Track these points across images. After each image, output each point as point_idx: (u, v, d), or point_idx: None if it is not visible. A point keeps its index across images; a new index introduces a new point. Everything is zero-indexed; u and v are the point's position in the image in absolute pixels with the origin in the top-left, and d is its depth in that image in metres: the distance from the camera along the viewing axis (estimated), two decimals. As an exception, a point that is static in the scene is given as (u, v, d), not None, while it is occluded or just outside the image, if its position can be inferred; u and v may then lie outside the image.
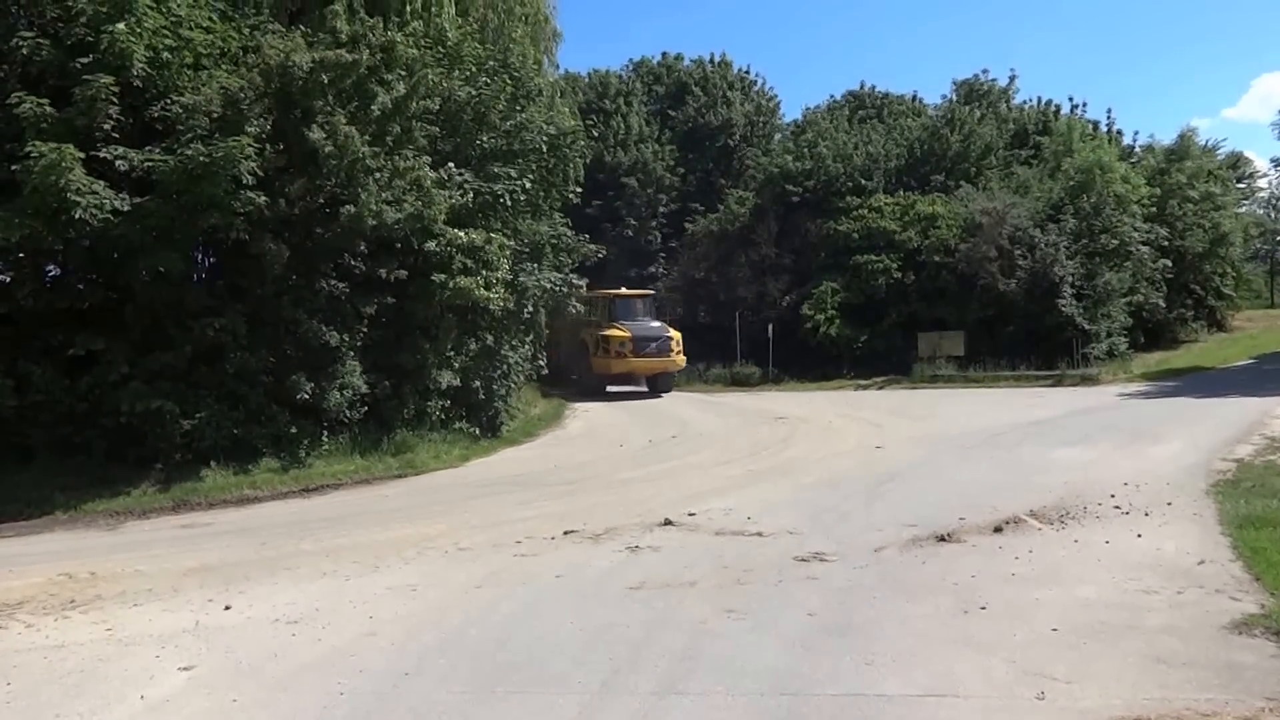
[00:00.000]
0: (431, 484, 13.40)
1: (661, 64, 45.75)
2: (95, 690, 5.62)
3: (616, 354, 26.81)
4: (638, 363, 27.01)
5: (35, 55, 12.57)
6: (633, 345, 26.81)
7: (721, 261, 34.83)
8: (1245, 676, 5.14)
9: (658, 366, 27.49)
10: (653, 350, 26.94)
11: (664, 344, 27.16)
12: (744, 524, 9.48)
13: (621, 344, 26.87)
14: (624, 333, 26.93)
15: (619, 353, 26.79)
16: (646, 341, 26.95)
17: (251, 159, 12.46)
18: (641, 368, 27.37)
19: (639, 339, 26.91)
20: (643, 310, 28.90)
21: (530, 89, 17.89)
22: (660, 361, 27.25)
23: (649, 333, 27.31)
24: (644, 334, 27.13)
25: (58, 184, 11.38)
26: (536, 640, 6.22)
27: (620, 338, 26.88)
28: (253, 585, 7.81)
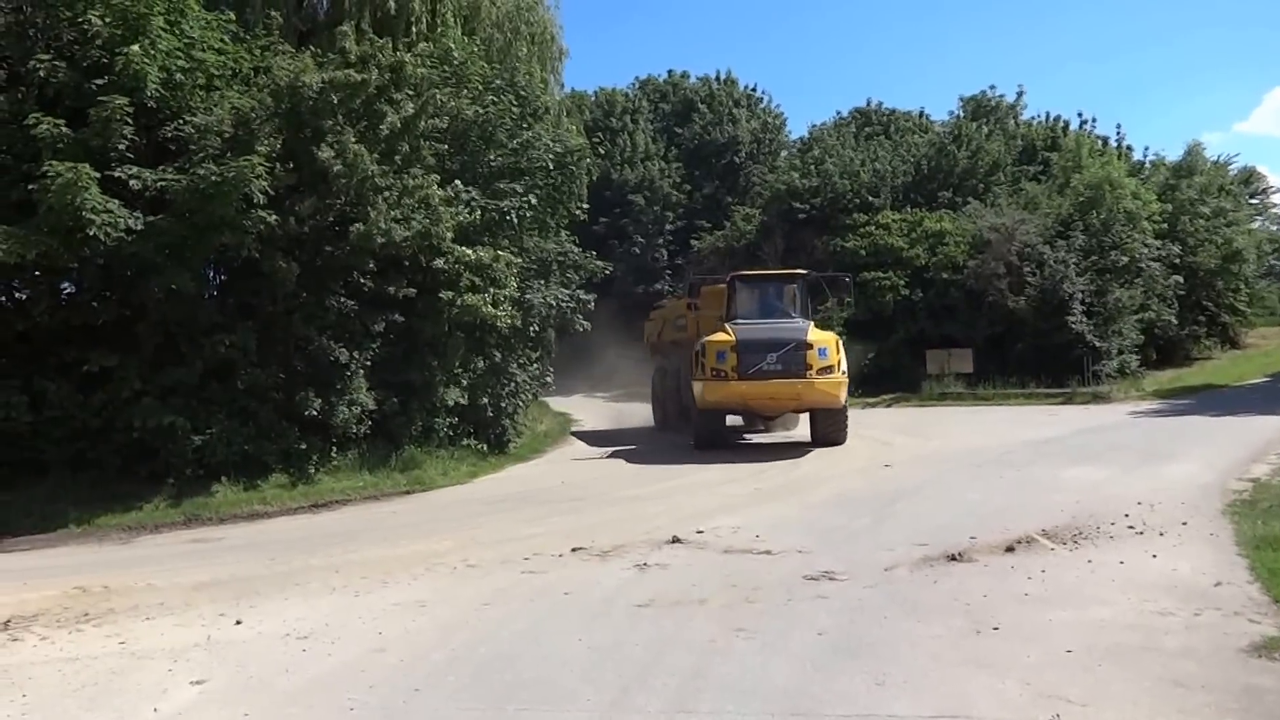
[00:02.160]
0: (439, 500, 13.47)
1: (668, 81, 46.06)
2: (109, 703, 5.68)
3: (714, 374, 16.78)
4: (745, 388, 16.64)
5: (52, 77, 12.76)
6: (737, 359, 16.66)
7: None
8: (1266, 701, 5.10)
9: (782, 396, 16.86)
10: (770, 367, 16.48)
11: (791, 354, 16.49)
12: (752, 542, 9.50)
13: (721, 355, 16.75)
14: (727, 337, 17.01)
15: (716, 372, 16.75)
16: (759, 351, 16.54)
17: (262, 178, 12.61)
18: (754, 397, 16.99)
19: (747, 346, 16.64)
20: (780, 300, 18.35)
21: (537, 107, 18.05)
22: (784, 387, 16.55)
23: (767, 336, 16.90)
24: (757, 338, 16.82)
25: (73, 203, 11.53)
26: (545, 658, 6.25)
27: (721, 345, 16.87)
28: (263, 600, 7.88)
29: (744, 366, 16.53)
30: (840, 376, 16.87)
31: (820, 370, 16.53)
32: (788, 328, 17.26)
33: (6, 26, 13.35)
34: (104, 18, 13.01)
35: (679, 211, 40.36)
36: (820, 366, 16.55)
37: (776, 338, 16.88)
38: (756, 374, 16.50)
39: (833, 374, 16.65)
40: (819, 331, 17.43)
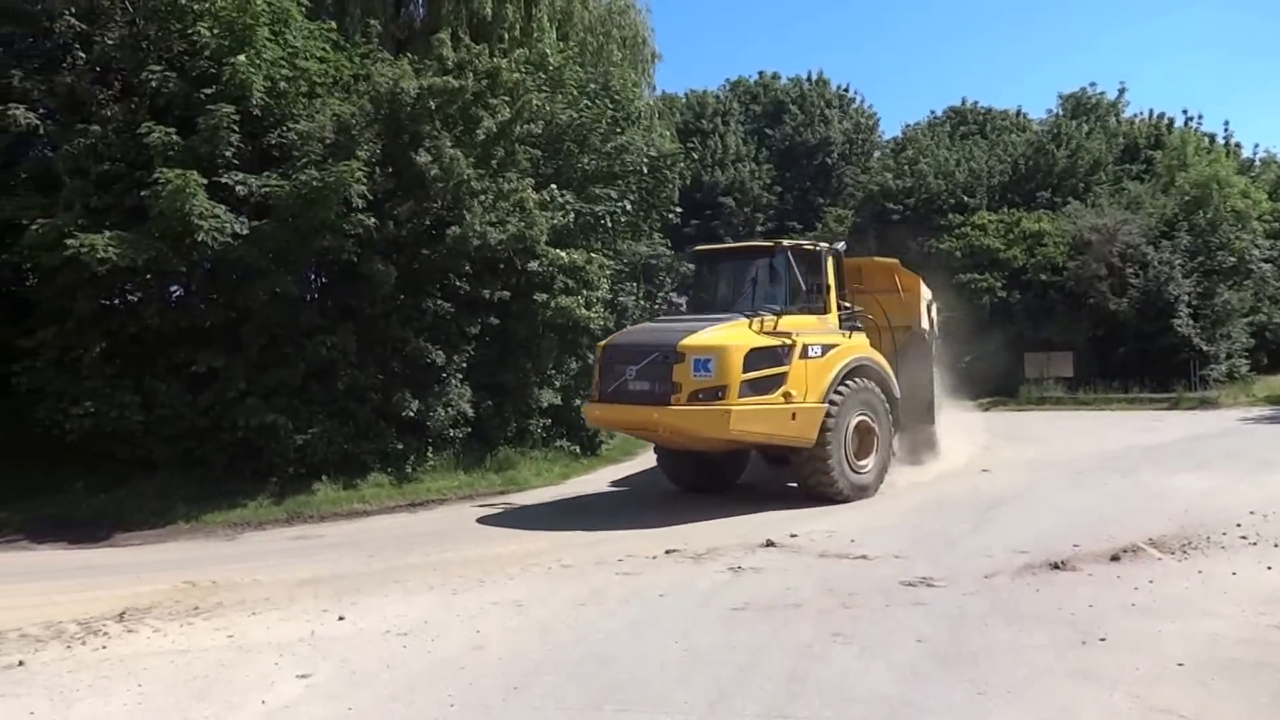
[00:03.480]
0: (533, 500, 13.55)
1: (759, 83, 45.75)
2: (219, 695, 5.84)
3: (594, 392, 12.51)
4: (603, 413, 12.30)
5: (163, 87, 13.23)
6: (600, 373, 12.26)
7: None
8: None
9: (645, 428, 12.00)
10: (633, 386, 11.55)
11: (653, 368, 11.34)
12: (847, 546, 9.35)
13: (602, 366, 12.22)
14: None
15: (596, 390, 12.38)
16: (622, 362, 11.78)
17: (362, 182, 12.87)
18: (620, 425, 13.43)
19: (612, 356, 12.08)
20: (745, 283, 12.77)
21: (630, 111, 18.09)
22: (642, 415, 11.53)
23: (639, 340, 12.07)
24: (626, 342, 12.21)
25: (183, 209, 11.92)
26: (641, 659, 6.23)
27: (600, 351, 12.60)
28: (364, 597, 8.02)
29: (605, 384, 11.93)
30: (735, 404, 11.01)
31: (696, 394, 11.05)
32: (679, 329, 11.71)
33: (120, 39, 13.88)
34: (212, 29, 13.45)
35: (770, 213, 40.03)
36: (696, 388, 11.04)
37: (645, 342, 11.79)
38: (616, 395, 11.72)
39: (719, 399, 11.01)
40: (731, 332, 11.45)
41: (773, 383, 11.45)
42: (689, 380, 11.15)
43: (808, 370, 11.76)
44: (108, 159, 12.97)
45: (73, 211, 12.43)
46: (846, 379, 12.23)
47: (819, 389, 11.86)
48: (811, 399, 11.77)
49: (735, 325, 11.68)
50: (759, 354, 11.43)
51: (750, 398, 11.24)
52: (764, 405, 11.36)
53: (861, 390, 12.44)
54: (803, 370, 11.70)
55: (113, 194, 12.84)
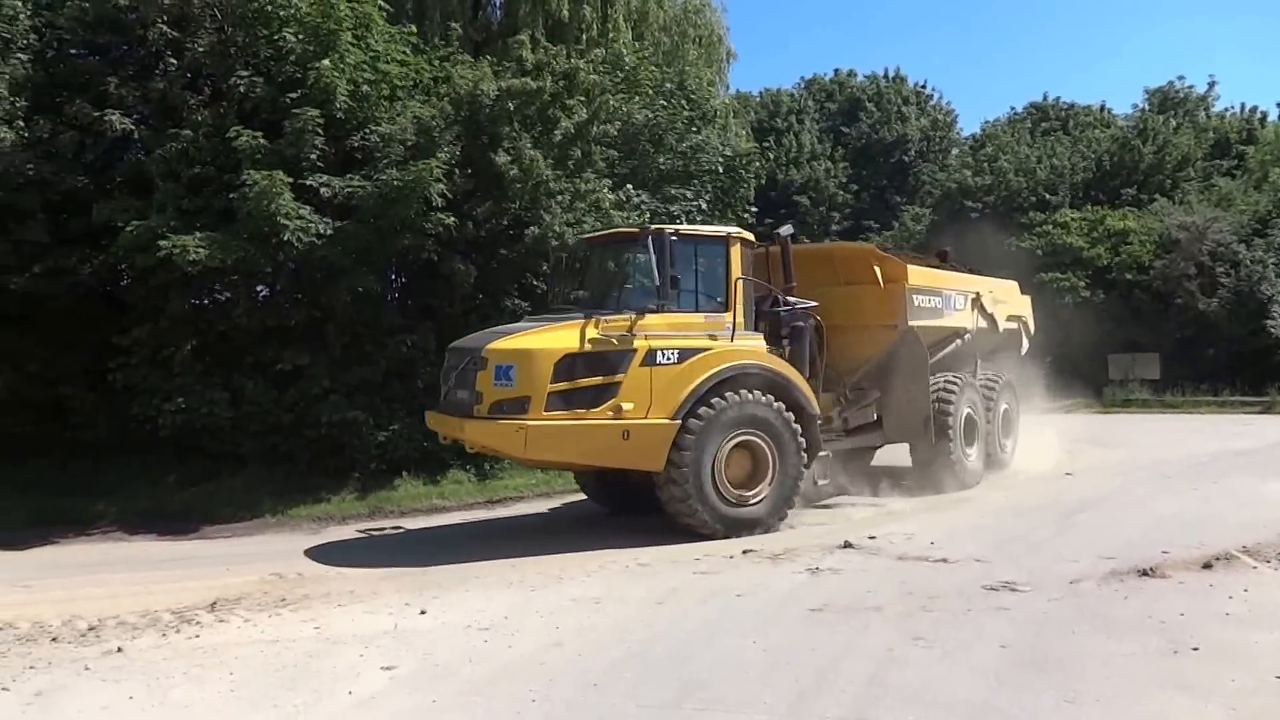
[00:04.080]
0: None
1: (834, 80, 45.43)
2: (307, 684, 5.98)
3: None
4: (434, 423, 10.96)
5: (251, 92, 13.60)
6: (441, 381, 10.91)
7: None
8: None
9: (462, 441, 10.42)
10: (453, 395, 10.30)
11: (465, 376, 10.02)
12: (927, 550, 9.21)
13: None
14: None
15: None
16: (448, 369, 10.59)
17: (441, 181, 13.07)
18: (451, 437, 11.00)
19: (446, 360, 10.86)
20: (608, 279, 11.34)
21: (706, 110, 18.05)
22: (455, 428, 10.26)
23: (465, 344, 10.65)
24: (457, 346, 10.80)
25: (270, 210, 12.24)
26: (720, 659, 6.23)
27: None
28: (445, 592, 8.14)
29: (441, 390, 10.76)
30: (534, 419, 9.45)
31: (498, 405, 9.60)
32: (502, 330, 10.57)
33: (210, 46, 14.29)
34: (298, 35, 13.79)
35: (845, 212, 39.75)
36: (497, 399, 9.61)
37: (466, 346, 10.50)
38: (444, 403, 10.60)
39: (520, 413, 9.49)
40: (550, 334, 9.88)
41: (598, 395, 9.66)
42: (490, 390, 9.63)
43: (653, 380, 9.79)
44: (198, 162, 13.37)
45: (165, 214, 12.83)
46: (717, 391, 10.02)
47: (669, 403, 9.82)
48: (657, 415, 9.79)
49: (564, 326, 9.94)
50: (579, 360, 9.62)
51: (560, 412, 9.52)
52: (580, 422, 9.56)
53: (744, 405, 10.13)
54: (645, 380, 9.75)
55: (203, 196, 13.23)
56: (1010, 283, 16.02)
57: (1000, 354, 15.91)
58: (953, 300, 13.66)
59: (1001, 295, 15.19)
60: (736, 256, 10.68)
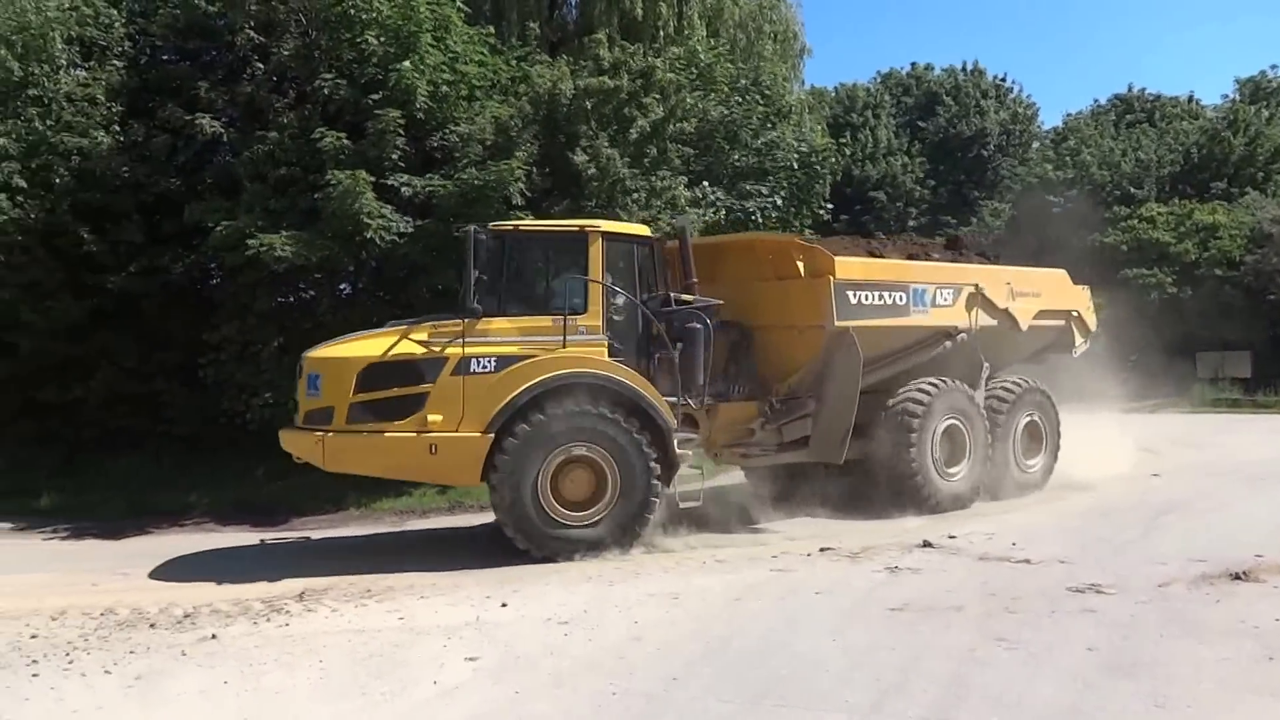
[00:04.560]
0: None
1: (911, 74, 44.82)
2: (393, 674, 6.11)
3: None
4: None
5: (334, 94, 13.92)
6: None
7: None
8: None
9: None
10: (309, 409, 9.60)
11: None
12: (1009, 550, 9.06)
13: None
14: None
15: None
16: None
17: (521, 182, 13.21)
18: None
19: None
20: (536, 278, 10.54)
21: (781, 106, 17.93)
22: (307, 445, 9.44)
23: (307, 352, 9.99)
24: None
25: (353, 209, 12.51)
26: (799, 656, 6.21)
27: None
28: (524, 585, 8.25)
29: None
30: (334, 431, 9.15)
31: (310, 415, 9.47)
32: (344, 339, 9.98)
33: (295, 50, 14.69)
34: (379, 38, 14.07)
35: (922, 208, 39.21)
36: (309, 409, 9.47)
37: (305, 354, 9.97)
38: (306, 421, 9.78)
39: (326, 423, 9.21)
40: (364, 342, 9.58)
41: (406, 406, 9.14)
42: (304, 400, 9.50)
43: (465, 390, 9.15)
44: (284, 164, 13.72)
45: (253, 214, 13.20)
46: (541, 403, 9.20)
47: (482, 415, 9.10)
48: (468, 428, 9.13)
49: (384, 333, 9.58)
50: (386, 369, 9.18)
51: (365, 424, 9.13)
52: (383, 435, 9.14)
53: (573, 418, 9.27)
54: (457, 390, 9.13)
55: (288, 196, 13.57)
56: (1053, 272, 13.82)
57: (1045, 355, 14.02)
58: (926, 295, 11.64)
59: (1029, 287, 12.89)
60: (597, 254, 9.73)
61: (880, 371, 11.38)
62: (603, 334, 9.65)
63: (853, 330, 10.79)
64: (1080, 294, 13.95)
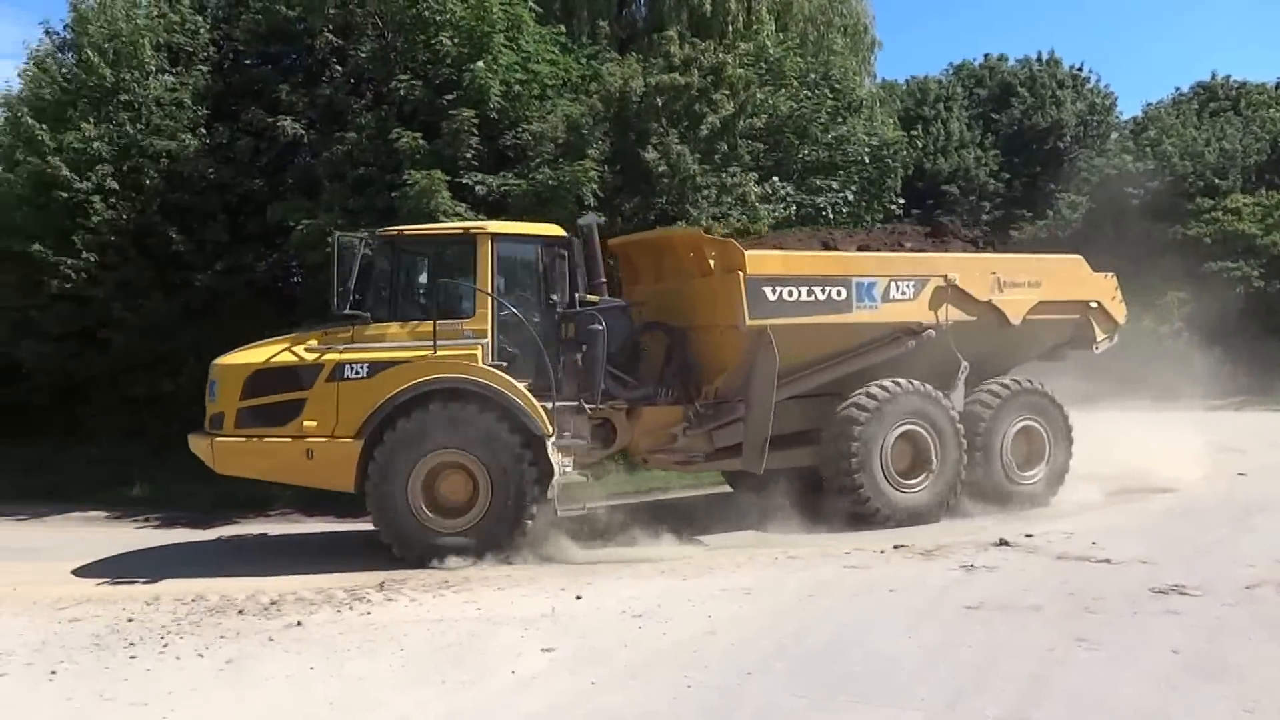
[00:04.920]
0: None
1: (984, 66, 43.92)
2: (471, 662, 6.28)
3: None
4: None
5: (410, 95, 14.19)
6: None
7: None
8: None
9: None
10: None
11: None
12: (1088, 549, 8.92)
13: None
14: None
15: None
16: None
17: (594, 183, 13.33)
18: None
19: None
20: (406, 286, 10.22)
21: (851, 100, 17.79)
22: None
23: None
24: None
25: (429, 208, 12.74)
26: (873, 653, 6.22)
27: None
28: (598, 578, 8.38)
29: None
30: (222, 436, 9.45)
31: (211, 419, 9.62)
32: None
33: (372, 52, 15.02)
34: (453, 39, 14.31)
35: (996, 201, 38.38)
36: (210, 414, 9.63)
37: None
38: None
39: (219, 428, 9.47)
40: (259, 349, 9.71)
41: (286, 412, 9.29)
42: (208, 405, 9.68)
43: (340, 396, 9.22)
44: (362, 164, 14.03)
45: (332, 213, 13.50)
46: (410, 408, 9.14)
47: (354, 421, 9.16)
48: (342, 433, 9.19)
49: (278, 341, 9.75)
50: (269, 376, 9.36)
51: (252, 429, 9.33)
52: (266, 440, 9.29)
53: (439, 424, 9.19)
54: (332, 396, 9.21)
55: (366, 196, 13.86)
56: (1062, 259, 12.52)
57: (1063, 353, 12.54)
58: (875, 289, 10.72)
59: (1026, 276, 11.55)
60: (486, 257, 9.52)
61: (826, 373, 10.60)
62: (490, 338, 9.42)
63: (771, 329, 10.10)
64: (1101, 283, 12.36)
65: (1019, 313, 11.34)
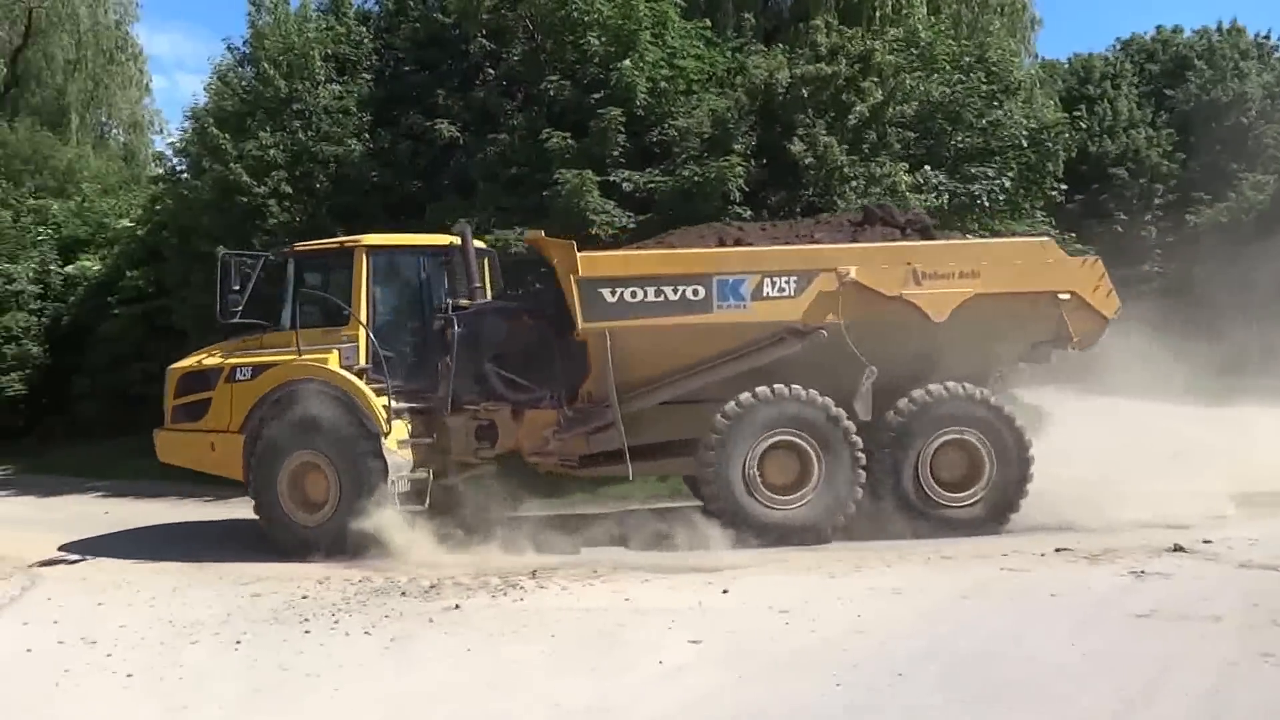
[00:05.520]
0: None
1: (1155, 39, 41.48)
2: (619, 652, 6.39)
3: None
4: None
5: (559, 96, 14.52)
6: None
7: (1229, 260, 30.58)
8: None
9: None
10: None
11: None
12: (1276, 558, 8.30)
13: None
14: None
15: None
16: None
17: (741, 178, 13.29)
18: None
19: None
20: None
21: (1009, 82, 17.11)
22: None
23: None
24: None
25: (579, 206, 13.01)
26: (1031, 659, 6.01)
27: None
28: (745, 573, 8.36)
29: None
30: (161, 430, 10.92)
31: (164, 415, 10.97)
32: None
33: (523, 55, 15.43)
34: (600, 38, 14.55)
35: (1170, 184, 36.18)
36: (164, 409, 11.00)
37: None
38: None
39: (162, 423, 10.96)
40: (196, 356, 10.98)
41: (200, 409, 10.48)
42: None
43: (233, 395, 10.23)
44: (514, 164, 14.45)
45: (487, 212, 13.96)
46: (280, 407, 9.92)
47: (239, 417, 10.17)
48: (233, 428, 10.20)
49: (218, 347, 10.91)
50: (190, 378, 10.65)
51: (182, 424, 10.64)
52: (187, 433, 10.60)
53: (293, 422, 9.86)
54: (228, 396, 10.26)
55: (518, 194, 14.26)
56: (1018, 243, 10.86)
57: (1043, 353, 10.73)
58: (744, 287, 9.77)
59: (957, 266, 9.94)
60: (361, 268, 10.25)
61: (699, 378, 9.92)
62: (361, 342, 10.09)
63: (610, 332, 9.70)
64: (1075, 270, 10.29)
65: (943, 308, 9.74)
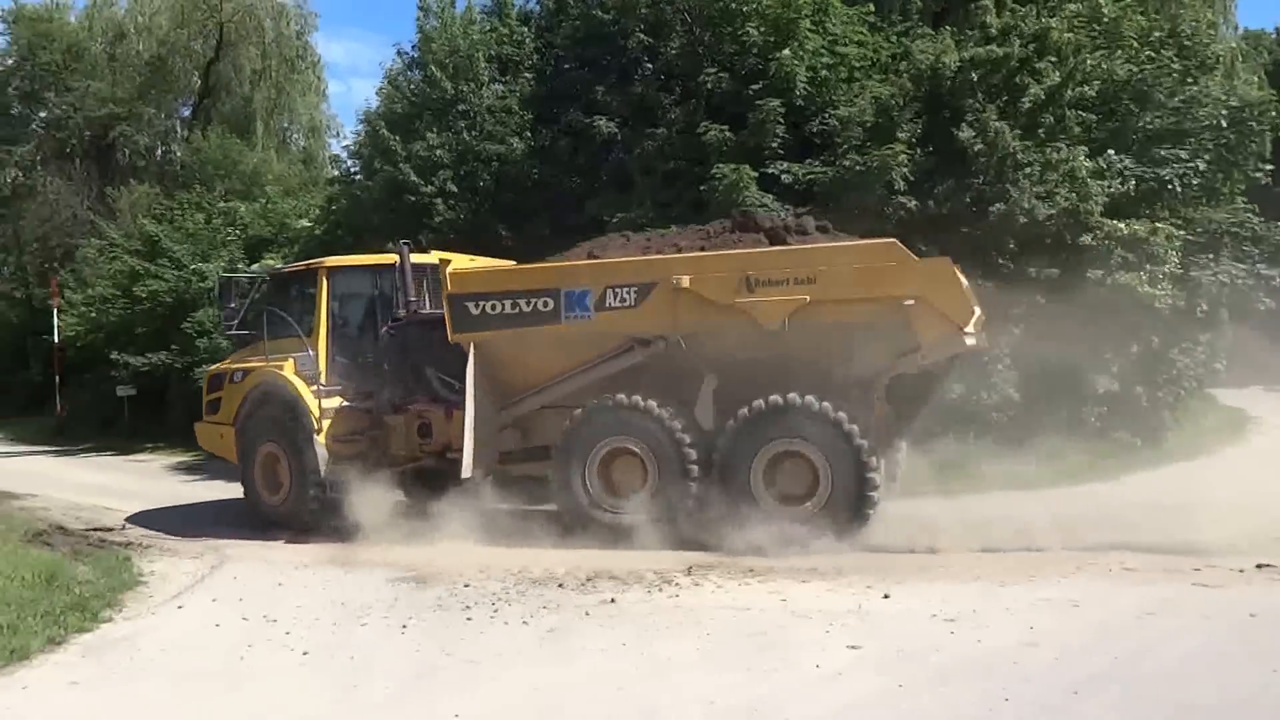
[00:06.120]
0: (1089, 493, 12.41)
1: (1373, 8, 37.88)
2: (775, 652, 6.21)
3: None
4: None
5: (717, 88, 14.40)
6: None
7: None
8: None
9: None
10: None
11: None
12: None
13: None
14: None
15: None
16: None
17: (905, 166, 12.81)
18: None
19: None
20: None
21: (1204, 58, 15.87)
22: None
23: None
24: None
25: (738, 200, 12.83)
26: (1228, 685, 5.47)
27: None
28: (907, 578, 7.96)
29: None
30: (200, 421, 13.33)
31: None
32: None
33: (680, 48, 15.35)
34: (759, 28, 14.34)
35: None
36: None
37: None
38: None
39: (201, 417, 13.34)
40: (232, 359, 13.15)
41: (217, 405, 12.53)
42: None
43: (232, 394, 12.24)
44: (672, 158, 14.42)
45: (644, 207, 13.99)
46: (255, 404, 11.83)
47: (231, 412, 12.16)
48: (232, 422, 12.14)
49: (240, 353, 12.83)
50: (212, 379, 12.89)
51: (211, 417, 12.68)
52: (211, 425, 12.69)
53: (260, 417, 11.78)
54: (230, 394, 12.26)
55: (676, 189, 14.23)
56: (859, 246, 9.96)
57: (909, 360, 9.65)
58: (588, 298, 9.77)
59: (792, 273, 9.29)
60: (322, 286, 11.61)
61: (563, 386, 10.22)
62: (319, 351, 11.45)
63: (475, 343, 10.20)
64: (921, 272, 9.33)
65: (775, 316, 9.26)
